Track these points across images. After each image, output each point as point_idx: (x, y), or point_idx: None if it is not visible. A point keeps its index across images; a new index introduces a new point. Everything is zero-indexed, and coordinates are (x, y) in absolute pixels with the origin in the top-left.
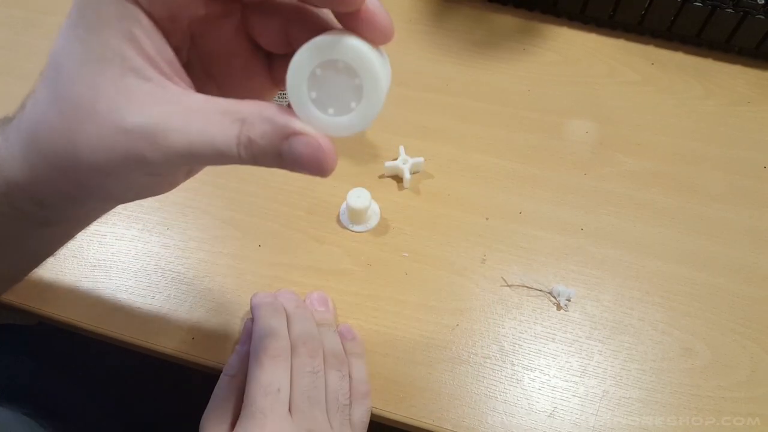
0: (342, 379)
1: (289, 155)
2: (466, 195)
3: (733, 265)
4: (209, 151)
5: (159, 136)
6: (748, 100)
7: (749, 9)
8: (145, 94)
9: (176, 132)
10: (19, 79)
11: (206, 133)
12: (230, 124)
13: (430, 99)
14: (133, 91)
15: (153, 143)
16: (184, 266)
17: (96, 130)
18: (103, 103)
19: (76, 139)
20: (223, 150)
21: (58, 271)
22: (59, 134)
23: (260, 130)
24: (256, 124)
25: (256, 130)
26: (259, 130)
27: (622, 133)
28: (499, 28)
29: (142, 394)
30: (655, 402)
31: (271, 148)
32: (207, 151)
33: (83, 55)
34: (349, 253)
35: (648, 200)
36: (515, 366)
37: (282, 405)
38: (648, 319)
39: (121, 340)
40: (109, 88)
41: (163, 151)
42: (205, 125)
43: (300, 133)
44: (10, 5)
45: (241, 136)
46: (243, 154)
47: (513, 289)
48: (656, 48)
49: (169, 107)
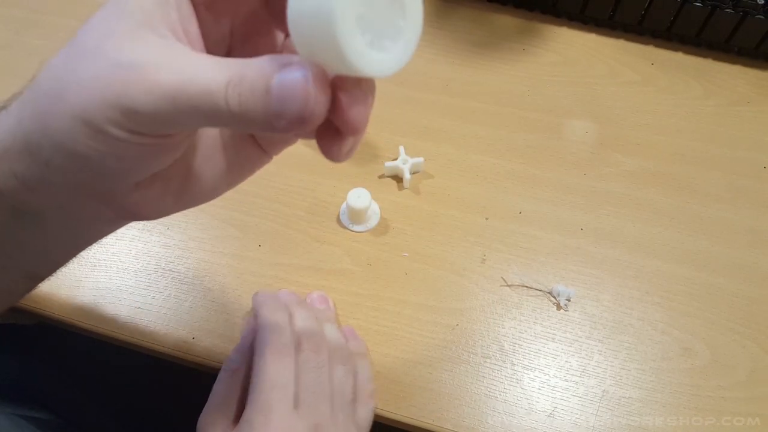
0: (347, 374)
1: (277, 87)
2: (466, 195)
3: (733, 265)
4: (197, 92)
5: (149, 71)
6: (747, 100)
7: (749, 9)
8: (153, 43)
9: (167, 69)
10: (19, 79)
11: (198, 71)
12: (227, 66)
13: (430, 99)
14: (142, 39)
15: (141, 78)
16: (184, 266)
17: (89, 66)
18: (106, 44)
19: (66, 77)
20: (212, 89)
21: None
22: (54, 73)
23: (256, 65)
24: (254, 62)
25: (251, 66)
26: (254, 65)
27: (621, 134)
28: (499, 28)
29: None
30: (655, 402)
31: (260, 81)
32: (195, 92)
33: (110, 9)
34: (349, 253)
35: (648, 200)
36: (515, 366)
37: (288, 399)
38: (648, 318)
39: (121, 340)
40: (120, 33)
41: (148, 86)
42: (201, 66)
43: (295, 63)
44: (10, 5)
45: (233, 76)
46: (230, 94)
47: (513, 289)
48: (656, 48)
49: (168, 52)
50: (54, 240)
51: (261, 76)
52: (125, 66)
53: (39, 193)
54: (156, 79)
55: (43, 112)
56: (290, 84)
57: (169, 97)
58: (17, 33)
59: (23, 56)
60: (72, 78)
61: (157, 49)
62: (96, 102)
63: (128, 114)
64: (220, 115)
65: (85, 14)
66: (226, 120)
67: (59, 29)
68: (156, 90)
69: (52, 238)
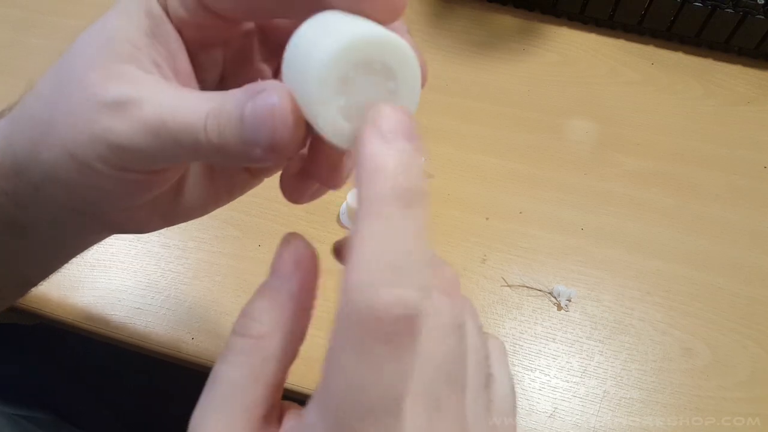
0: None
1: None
2: (466, 195)
3: (734, 265)
4: (178, 125)
5: (131, 106)
6: (748, 100)
7: (749, 9)
8: (138, 80)
9: (149, 104)
10: (19, 79)
11: (180, 107)
12: (208, 98)
13: (430, 99)
14: (127, 75)
15: (124, 113)
16: (183, 266)
17: (75, 99)
18: (94, 77)
19: (54, 107)
20: (192, 121)
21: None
22: (43, 101)
23: (234, 94)
24: (233, 93)
25: (229, 97)
26: (234, 96)
27: (622, 133)
28: (499, 28)
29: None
30: (656, 402)
31: (236, 111)
32: (176, 125)
33: (99, 35)
34: None
35: (648, 200)
36: (515, 366)
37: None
38: (648, 319)
39: (121, 341)
40: (105, 66)
41: (131, 121)
42: (182, 100)
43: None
44: (10, 5)
45: (213, 108)
46: (209, 125)
47: (513, 289)
48: (656, 48)
49: (151, 87)
50: (44, 249)
51: (236, 105)
52: (110, 104)
53: (28, 210)
54: (139, 115)
55: (33, 139)
56: (261, 110)
57: (152, 132)
58: (17, 33)
59: (23, 56)
60: (62, 109)
61: (140, 86)
62: (84, 138)
63: (115, 150)
64: (200, 148)
65: (84, 14)
66: (207, 152)
67: (59, 29)
68: (139, 125)
69: (42, 247)
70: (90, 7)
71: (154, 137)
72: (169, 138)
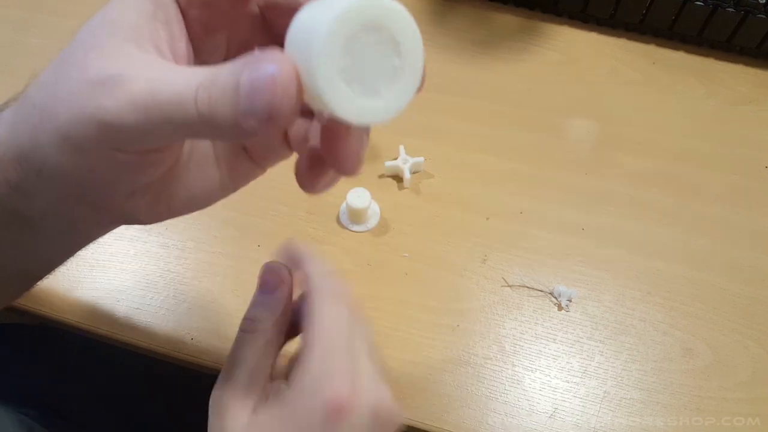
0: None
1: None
2: (466, 195)
3: (735, 265)
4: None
5: (120, 81)
6: (749, 99)
7: (751, 8)
8: (134, 57)
9: (139, 80)
10: (19, 79)
11: (170, 81)
12: (200, 72)
13: (431, 98)
14: (124, 53)
15: (114, 89)
16: (182, 266)
17: (72, 81)
18: (91, 57)
19: (53, 91)
20: (182, 93)
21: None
22: (44, 87)
23: (229, 66)
24: (227, 64)
25: (223, 69)
26: (227, 67)
27: (623, 133)
28: (500, 27)
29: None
30: (657, 403)
31: (230, 80)
32: (165, 99)
33: (101, 18)
34: (349, 253)
35: (649, 200)
36: (516, 367)
37: (353, 346)
38: (649, 319)
39: (120, 340)
40: (104, 49)
41: (120, 97)
42: (173, 74)
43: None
44: (10, 5)
45: (205, 80)
46: (200, 96)
47: (514, 290)
48: (657, 47)
49: (144, 64)
50: (50, 241)
51: (232, 74)
52: (102, 80)
53: (33, 199)
54: (128, 89)
55: (33, 125)
56: (259, 78)
57: (141, 108)
58: (17, 33)
59: (23, 56)
60: (59, 93)
61: (135, 63)
62: (75, 118)
63: (104, 129)
64: (191, 122)
65: (84, 14)
66: (197, 127)
67: (59, 29)
68: (128, 101)
69: (47, 239)
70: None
71: (143, 113)
72: (158, 112)
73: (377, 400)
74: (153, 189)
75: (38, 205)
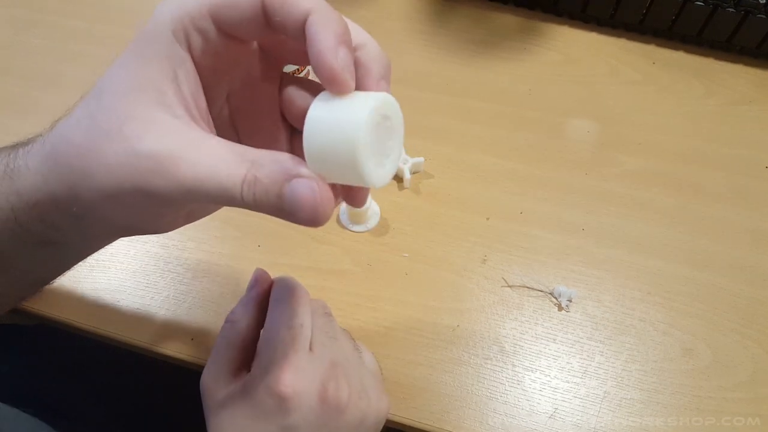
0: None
1: (289, 196)
2: (466, 195)
3: (735, 266)
4: (214, 187)
5: (169, 164)
6: (749, 99)
7: (750, 8)
8: (169, 127)
9: (186, 163)
10: (19, 79)
11: (215, 168)
12: (240, 163)
13: (431, 99)
14: (159, 122)
15: (162, 170)
16: (183, 266)
17: (113, 151)
18: (127, 128)
19: (92, 158)
20: (228, 187)
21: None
22: (79, 151)
23: (268, 169)
24: (266, 165)
25: (263, 170)
26: (266, 170)
27: (623, 133)
28: (500, 27)
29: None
30: (657, 403)
31: (273, 187)
32: (212, 187)
33: (125, 83)
34: (349, 253)
35: (649, 200)
36: (516, 367)
37: (304, 339)
38: (649, 319)
39: (121, 341)
40: (138, 116)
41: (169, 179)
42: (216, 161)
43: (304, 176)
44: (11, 5)
45: (248, 175)
46: (245, 192)
47: (514, 290)
48: (657, 47)
49: (186, 141)
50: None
51: (274, 183)
52: (146, 156)
53: (67, 233)
54: (175, 173)
55: (72, 184)
56: (300, 195)
57: (186, 190)
58: (17, 33)
59: (23, 56)
60: (99, 160)
61: (174, 137)
62: (121, 186)
63: (152, 199)
64: (234, 204)
65: (84, 14)
66: (240, 206)
67: (59, 29)
68: (176, 184)
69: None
70: (90, 7)
71: (188, 193)
72: (204, 196)
73: (323, 387)
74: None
75: (71, 237)
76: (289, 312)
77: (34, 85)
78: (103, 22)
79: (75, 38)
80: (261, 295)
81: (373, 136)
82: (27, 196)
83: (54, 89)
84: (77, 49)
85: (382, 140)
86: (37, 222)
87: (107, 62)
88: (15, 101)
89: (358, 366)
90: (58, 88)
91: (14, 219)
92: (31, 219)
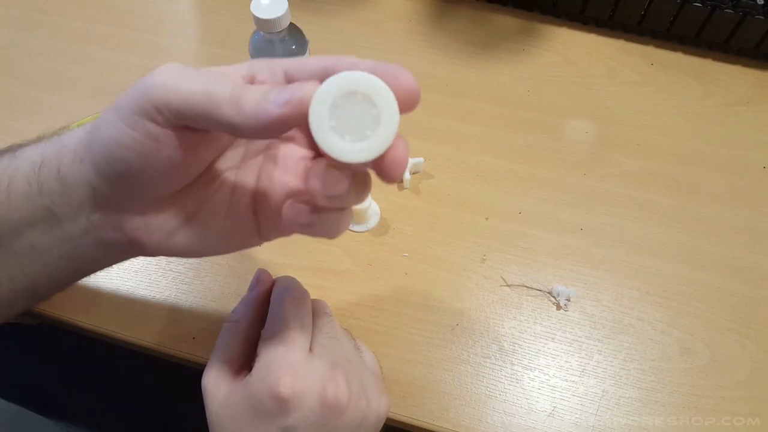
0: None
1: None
2: (465, 195)
3: (733, 265)
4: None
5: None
6: (747, 100)
7: (749, 9)
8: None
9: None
10: (19, 79)
11: (208, 82)
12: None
13: (430, 99)
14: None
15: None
16: (184, 266)
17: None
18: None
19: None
20: (218, 93)
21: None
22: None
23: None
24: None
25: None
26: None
27: (621, 134)
28: (499, 28)
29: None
30: (655, 402)
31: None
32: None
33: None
34: (349, 253)
35: (647, 200)
36: (515, 366)
37: (305, 340)
38: (647, 318)
39: (122, 340)
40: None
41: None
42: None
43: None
44: (11, 5)
45: (235, 89)
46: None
47: (513, 289)
48: (656, 48)
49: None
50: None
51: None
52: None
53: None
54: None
55: (95, 125)
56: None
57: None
58: (17, 33)
59: (23, 56)
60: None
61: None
62: (135, 102)
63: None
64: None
65: (85, 15)
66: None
67: (59, 29)
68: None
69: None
70: (90, 8)
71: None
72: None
73: (323, 389)
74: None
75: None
76: (290, 312)
77: (34, 85)
78: (103, 23)
79: (75, 39)
80: (262, 295)
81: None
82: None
83: (54, 90)
84: (77, 50)
85: (357, 114)
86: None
87: (107, 63)
88: (15, 101)
89: (358, 366)
90: (59, 88)
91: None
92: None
